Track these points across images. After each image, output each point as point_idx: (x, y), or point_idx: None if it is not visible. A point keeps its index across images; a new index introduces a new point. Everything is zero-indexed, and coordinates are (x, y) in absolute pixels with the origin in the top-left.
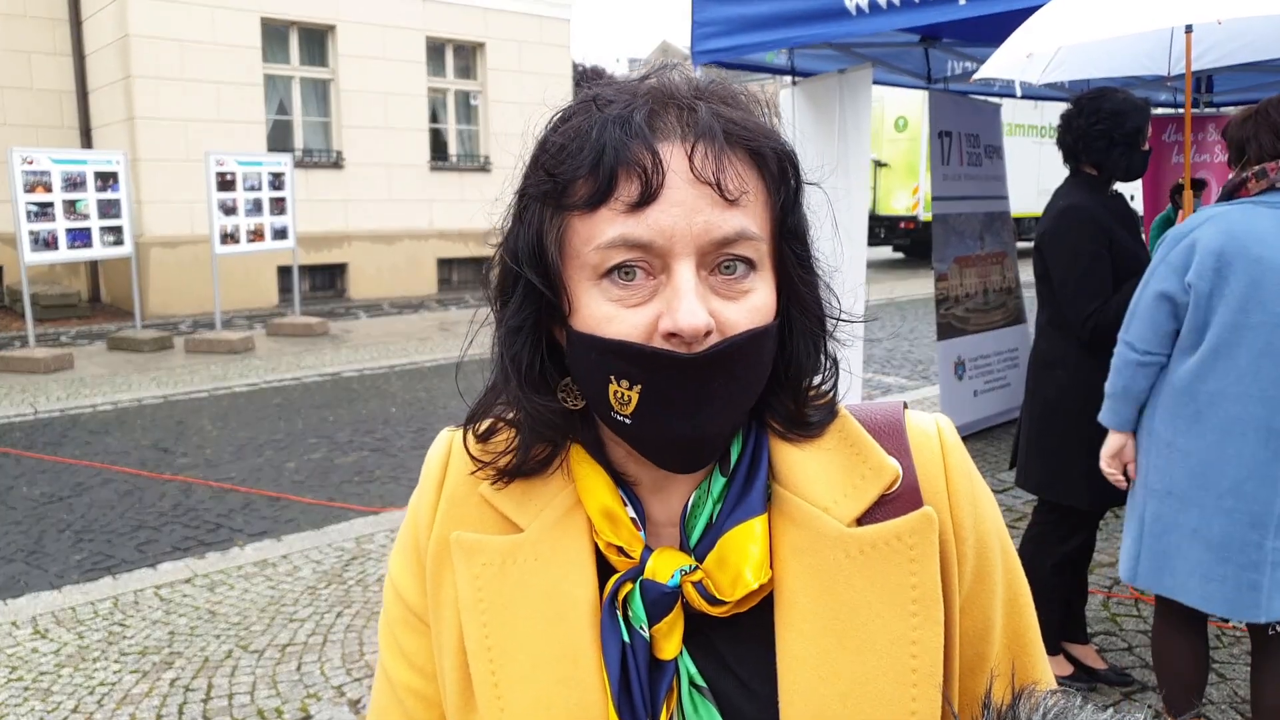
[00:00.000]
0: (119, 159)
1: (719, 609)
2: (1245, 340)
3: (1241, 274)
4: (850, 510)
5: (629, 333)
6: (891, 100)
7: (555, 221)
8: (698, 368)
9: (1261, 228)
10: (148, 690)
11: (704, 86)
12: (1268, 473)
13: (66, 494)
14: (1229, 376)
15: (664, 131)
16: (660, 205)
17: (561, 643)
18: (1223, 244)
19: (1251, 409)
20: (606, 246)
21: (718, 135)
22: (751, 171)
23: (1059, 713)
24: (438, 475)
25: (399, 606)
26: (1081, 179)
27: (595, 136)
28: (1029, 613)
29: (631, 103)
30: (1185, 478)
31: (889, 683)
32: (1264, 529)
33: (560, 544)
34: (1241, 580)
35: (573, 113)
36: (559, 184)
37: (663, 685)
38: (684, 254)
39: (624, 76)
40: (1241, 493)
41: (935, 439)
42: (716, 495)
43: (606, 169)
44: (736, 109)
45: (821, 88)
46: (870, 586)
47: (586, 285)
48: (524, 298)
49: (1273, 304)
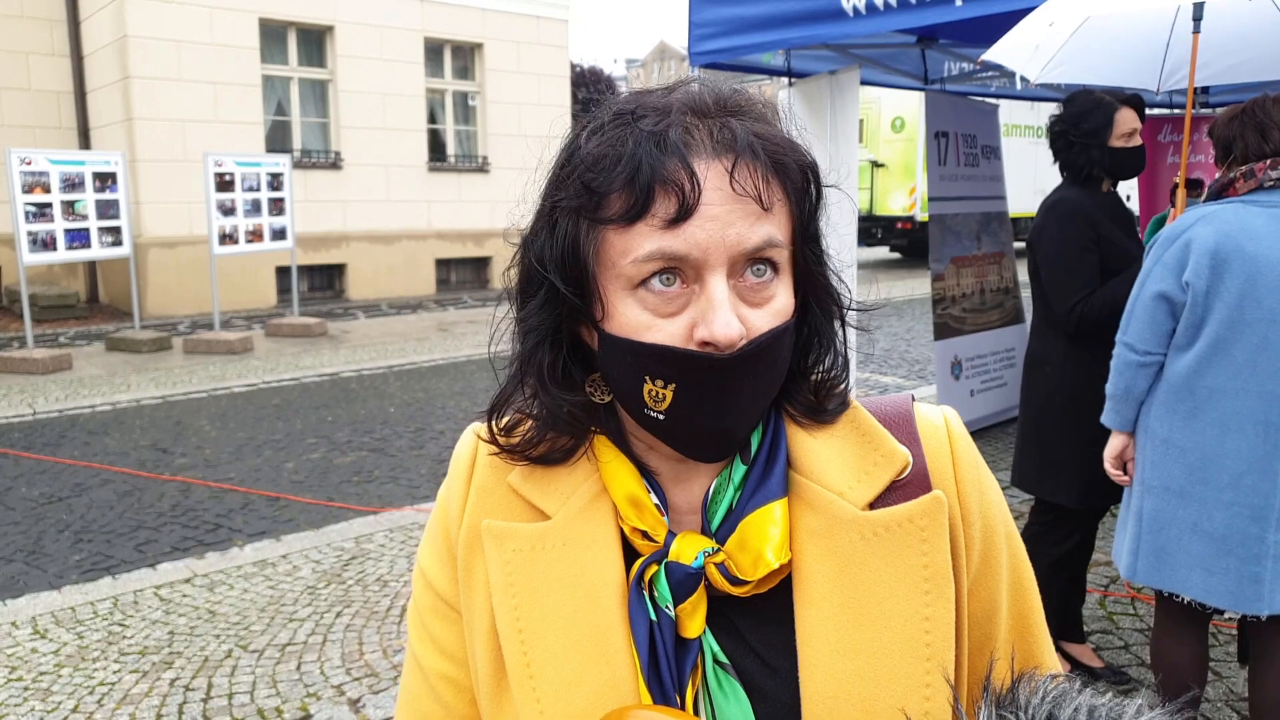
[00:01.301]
0: (117, 160)
1: (741, 589)
2: (1242, 336)
3: (1238, 271)
4: (864, 495)
5: (666, 340)
6: (889, 101)
7: (591, 234)
8: (729, 368)
9: (1253, 225)
10: (147, 690)
11: (729, 100)
12: (1267, 466)
13: (65, 494)
14: (1226, 372)
15: (698, 148)
16: (696, 221)
17: (591, 623)
18: (1218, 242)
19: (1249, 403)
20: (644, 260)
21: (756, 152)
22: (779, 184)
23: (1058, 696)
24: (467, 467)
25: (429, 595)
26: (1071, 178)
27: (631, 153)
28: (1033, 596)
29: (665, 118)
30: (1183, 473)
31: (904, 657)
32: (1265, 522)
33: (587, 529)
34: (1244, 573)
35: (602, 125)
36: (594, 198)
37: (688, 662)
38: (717, 265)
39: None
40: (1241, 486)
41: (943, 429)
42: (738, 482)
43: (643, 186)
44: (763, 123)
45: (814, 88)
46: (885, 566)
47: (621, 294)
48: (547, 301)
49: (1268, 299)
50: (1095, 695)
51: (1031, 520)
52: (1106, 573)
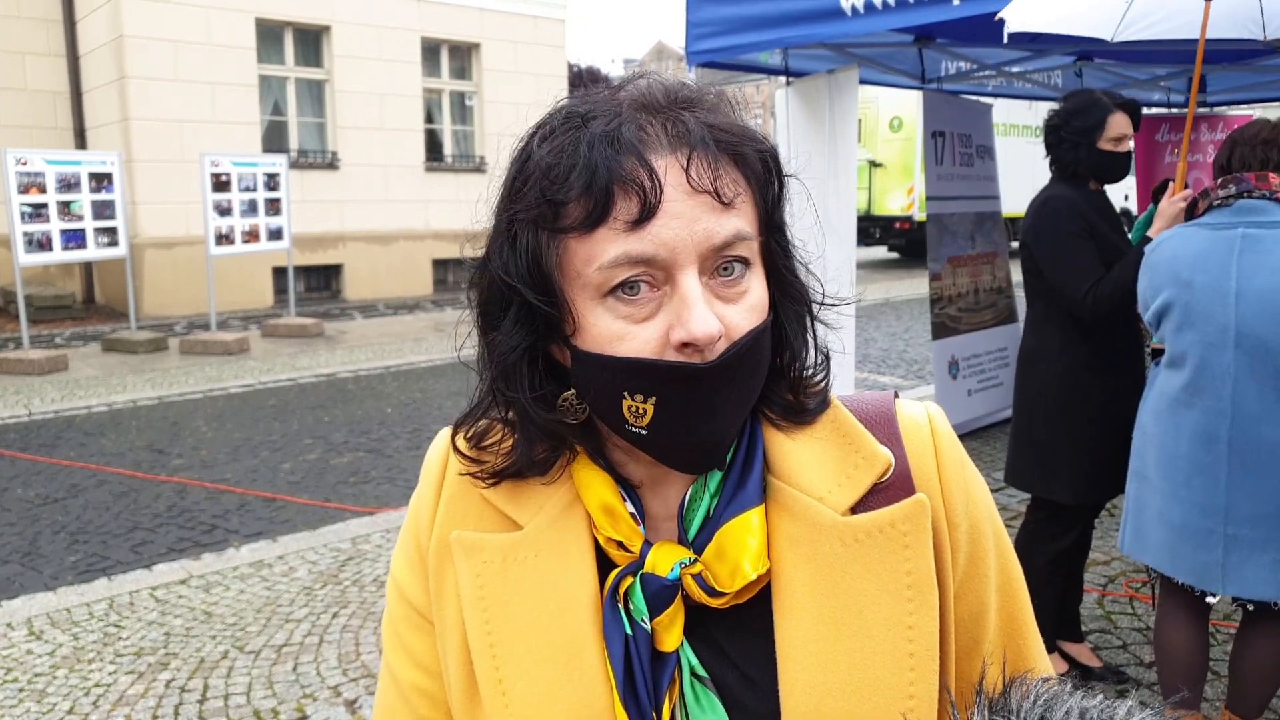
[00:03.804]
0: (113, 160)
1: (718, 600)
2: (1188, 358)
3: (1175, 298)
4: (844, 499)
5: (641, 349)
6: (887, 101)
7: (552, 245)
8: (712, 376)
9: (1192, 251)
10: (143, 691)
11: (679, 93)
12: (1210, 474)
13: (61, 495)
14: (1178, 385)
15: (654, 145)
16: (660, 219)
17: (564, 636)
18: (1161, 269)
19: (1195, 416)
20: (610, 265)
21: (709, 144)
22: (740, 173)
23: (1050, 699)
24: (437, 475)
25: (403, 606)
26: (1059, 175)
27: (585, 156)
28: (1023, 596)
29: (615, 117)
30: (1154, 466)
31: (887, 668)
32: (1214, 517)
33: (560, 540)
34: (1199, 559)
35: (553, 130)
36: (552, 207)
37: (665, 677)
38: (687, 263)
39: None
40: (1192, 486)
41: (926, 427)
42: (714, 489)
43: (601, 189)
44: (716, 113)
45: (812, 88)
46: (866, 574)
47: (590, 304)
48: (519, 319)
49: (1202, 325)
50: (1087, 697)
51: (1028, 518)
52: (1104, 572)
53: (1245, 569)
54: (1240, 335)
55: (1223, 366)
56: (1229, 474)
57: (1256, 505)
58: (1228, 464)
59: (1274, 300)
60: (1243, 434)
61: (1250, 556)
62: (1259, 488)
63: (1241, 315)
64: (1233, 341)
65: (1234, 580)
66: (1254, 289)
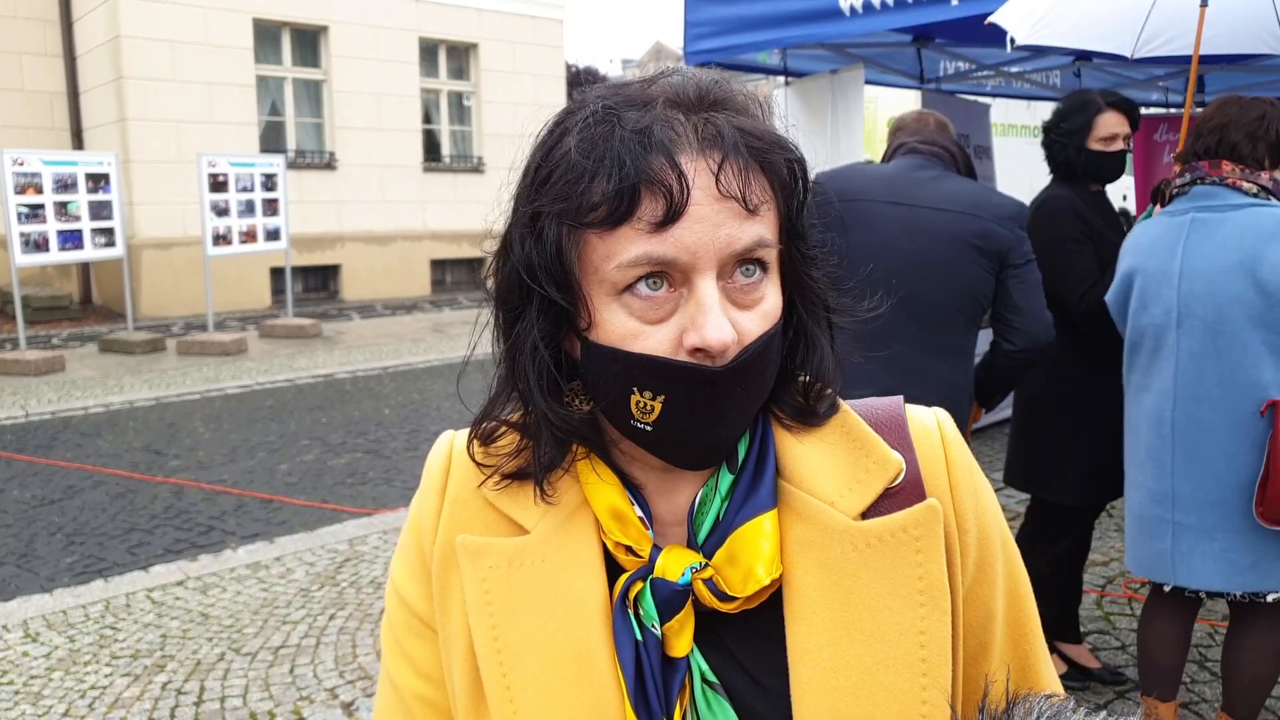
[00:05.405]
0: (110, 160)
1: (729, 605)
2: (1144, 341)
3: (1132, 282)
4: (856, 504)
5: (654, 348)
6: (885, 101)
7: (573, 238)
8: (723, 381)
9: (1150, 238)
10: (139, 694)
11: (710, 92)
12: (1160, 457)
13: (58, 497)
14: (1139, 370)
15: (684, 145)
16: (684, 223)
17: (574, 642)
18: (1125, 257)
19: (1151, 400)
20: (629, 265)
21: (741, 150)
22: (767, 180)
23: (1053, 715)
24: (440, 479)
25: (403, 612)
26: (1056, 176)
27: (615, 152)
28: (1029, 603)
29: (647, 114)
30: (1128, 454)
31: (900, 673)
32: (1164, 505)
33: (568, 544)
34: (1150, 549)
35: (582, 123)
36: (577, 201)
37: (675, 683)
38: (707, 268)
39: (618, 78)
40: (1146, 472)
41: (936, 433)
42: (724, 492)
43: (629, 187)
44: (748, 116)
45: (814, 88)
46: (878, 579)
47: (606, 300)
48: (540, 312)
49: (1154, 307)
50: (1090, 714)
51: (1027, 520)
52: (1103, 573)
53: (1193, 558)
54: (1181, 316)
55: (1169, 348)
56: (1174, 458)
57: (1197, 490)
58: (1173, 447)
59: (1212, 279)
60: (1186, 416)
61: (1197, 545)
62: (1201, 472)
63: (1183, 295)
64: (1175, 322)
65: (1183, 570)
66: (1195, 269)
